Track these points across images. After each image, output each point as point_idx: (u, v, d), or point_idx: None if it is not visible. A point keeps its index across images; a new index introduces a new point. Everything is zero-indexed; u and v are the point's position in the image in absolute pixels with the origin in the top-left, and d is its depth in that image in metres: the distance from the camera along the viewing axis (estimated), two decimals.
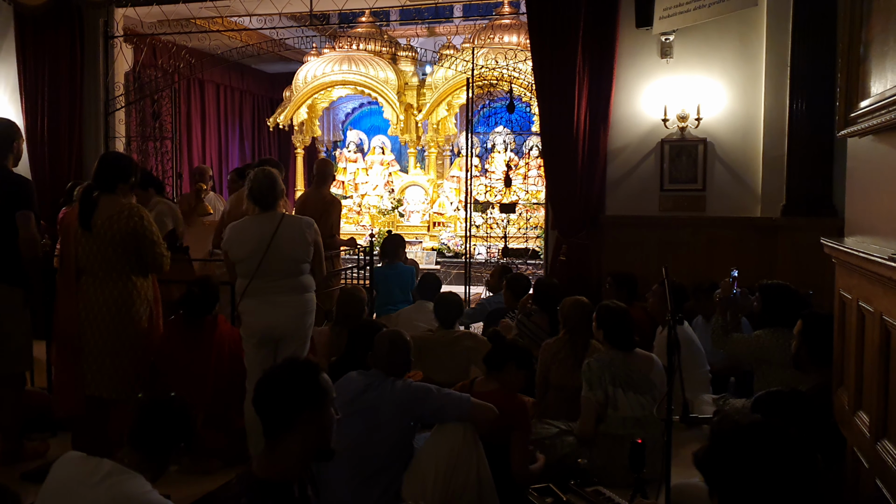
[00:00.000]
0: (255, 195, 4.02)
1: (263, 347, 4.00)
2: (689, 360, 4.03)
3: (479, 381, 3.79)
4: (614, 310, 4.06)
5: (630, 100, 6.42)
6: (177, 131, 8.95)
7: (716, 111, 6.26)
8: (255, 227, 4.02)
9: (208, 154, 13.03)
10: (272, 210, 4.03)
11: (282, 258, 3.96)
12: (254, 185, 4.02)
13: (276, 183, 4.04)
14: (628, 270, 5.90)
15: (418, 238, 12.26)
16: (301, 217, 4.16)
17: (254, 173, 4.07)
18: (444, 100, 11.96)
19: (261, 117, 14.42)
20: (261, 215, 4.04)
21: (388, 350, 3.46)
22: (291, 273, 4.00)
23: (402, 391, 3.39)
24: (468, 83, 7.92)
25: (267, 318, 3.95)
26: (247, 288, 3.97)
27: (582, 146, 6.33)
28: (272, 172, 4.07)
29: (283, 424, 2.18)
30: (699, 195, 6.33)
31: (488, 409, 3.40)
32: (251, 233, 4.00)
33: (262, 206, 4.03)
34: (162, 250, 3.89)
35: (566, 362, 4.31)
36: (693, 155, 6.31)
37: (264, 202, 4.02)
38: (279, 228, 3.95)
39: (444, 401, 3.38)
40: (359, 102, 14.16)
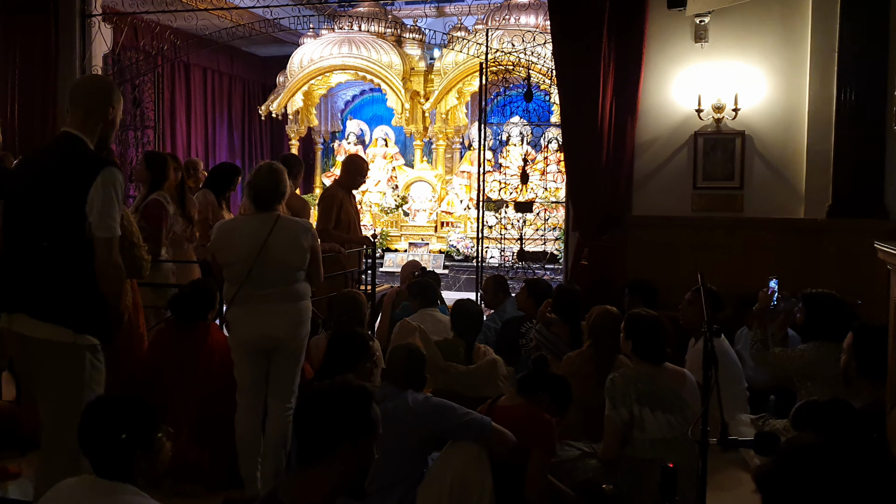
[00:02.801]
0: (254, 192, 4.02)
1: (254, 359, 4.01)
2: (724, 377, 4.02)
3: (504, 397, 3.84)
4: (645, 318, 4.06)
5: (660, 88, 6.42)
6: (160, 120, 8.99)
7: (755, 101, 6.26)
8: (247, 228, 4.03)
9: (194, 145, 13.08)
10: (270, 211, 4.02)
11: (274, 264, 3.96)
12: (254, 180, 4.03)
13: (280, 180, 4.03)
14: (656, 276, 5.90)
15: (424, 239, 12.28)
16: (297, 220, 4.16)
17: (258, 167, 4.08)
18: (455, 87, 11.98)
19: (252, 105, 14.46)
20: (255, 215, 4.04)
21: (406, 363, 3.53)
22: (285, 281, 4.01)
23: (422, 405, 3.48)
24: (481, 69, 7.92)
25: (258, 328, 3.96)
26: (236, 295, 3.98)
27: (607, 139, 6.33)
28: (278, 168, 4.07)
29: (323, 450, 2.14)
30: (736, 194, 6.33)
31: (507, 437, 3.48)
32: (242, 234, 4.01)
33: (259, 204, 4.03)
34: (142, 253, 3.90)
35: (590, 378, 4.30)
36: (729, 149, 6.30)
37: (263, 201, 4.02)
38: (272, 232, 3.95)
39: (465, 420, 3.45)
40: (360, 89, 14.19)
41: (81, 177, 3.10)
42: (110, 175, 3.12)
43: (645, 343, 4.00)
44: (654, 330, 4.01)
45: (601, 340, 4.40)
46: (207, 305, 4.40)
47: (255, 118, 14.14)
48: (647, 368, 3.96)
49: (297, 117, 13.11)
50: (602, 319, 4.44)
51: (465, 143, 13.55)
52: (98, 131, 3.28)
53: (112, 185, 3.11)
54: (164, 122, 10.77)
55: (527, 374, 3.84)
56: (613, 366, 4.32)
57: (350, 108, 14.52)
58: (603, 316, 4.46)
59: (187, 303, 4.31)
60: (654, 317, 4.08)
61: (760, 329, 4.31)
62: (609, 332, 4.36)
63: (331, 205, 6.50)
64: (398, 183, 13.04)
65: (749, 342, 4.84)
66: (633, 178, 6.48)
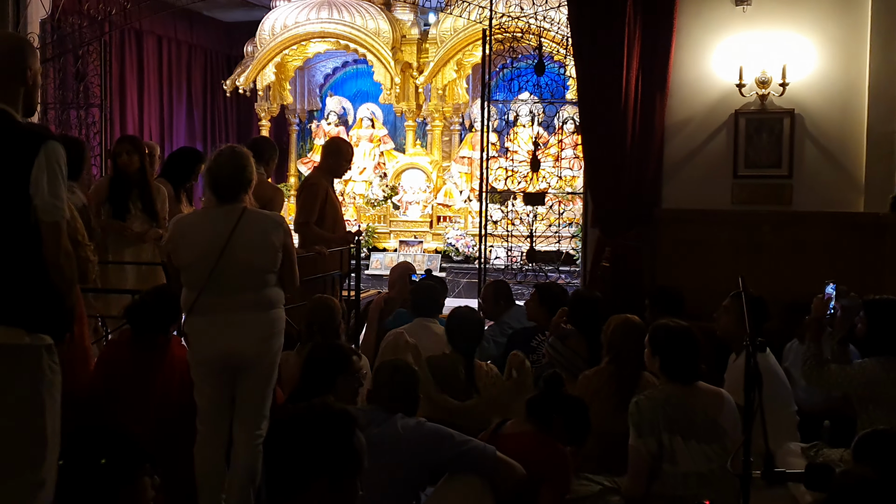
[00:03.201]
0: (213, 180, 4.02)
1: (217, 379, 4.01)
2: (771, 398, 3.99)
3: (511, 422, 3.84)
4: (673, 330, 4.04)
5: (695, 60, 6.42)
6: (107, 97, 8.97)
7: (806, 74, 6.27)
8: (207, 223, 4.03)
9: (147, 126, 13.07)
10: (234, 203, 4.01)
11: (240, 267, 3.96)
12: (214, 167, 4.02)
13: (244, 165, 4.03)
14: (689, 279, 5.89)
15: (417, 237, 12.29)
16: (267, 214, 4.16)
17: (218, 151, 4.08)
18: (453, 58, 11.98)
19: (215, 79, 14.46)
20: (217, 209, 4.03)
21: (392, 382, 3.50)
22: (253, 286, 4.00)
23: (414, 431, 3.45)
24: (484, 36, 7.92)
25: (221, 342, 3.95)
26: (195, 303, 3.97)
27: (632, 119, 6.33)
28: (241, 151, 4.06)
29: (297, 486, 2.14)
30: (783, 183, 6.33)
31: (514, 469, 3.46)
32: (202, 231, 4.00)
33: (220, 195, 4.02)
34: (87, 253, 3.89)
35: (610, 400, 4.30)
36: (776, 131, 6.30)
37: (225, 191, 4.01)
38: (237, 228, 3.94)
39: (464, 449, 3.44)
40: (342, 61, 14.19)
41: (20, 154, 3.09)
42: (53, 150, 3.12)
43: (674, 359, 3.98)
44: (684, 344, 3.99)
45: (622, 356, 4.39)
46: (171, 316, 4.38)
47: (219, 94, 14.15)
48: (678, 389, 3.94)
49: (269, 94, 13.12)
50: (622, 331, 4.43)
51: (465, 124, 13.56)
52: (20, 98, 3.25)
53: (57, 162, 3.12)
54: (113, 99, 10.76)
55: (538, 396, 3.83)
56: (638, 385, 4.31)
57: (330, 83, 14.52)
58: (623, 327, 4.45)
59: (147, 313, 4.30)
60: (685, 328, 4.07)
61: (814, 342, 4.30)
62: (631, 345, 4.34)
63: (314, 195, 6.46)
64: (387, 171, 13.05)
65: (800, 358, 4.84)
66: (662, 165, 6.47)
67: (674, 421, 3.86)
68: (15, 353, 3.12)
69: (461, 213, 12.43)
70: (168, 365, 4.28)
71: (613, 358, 4.43)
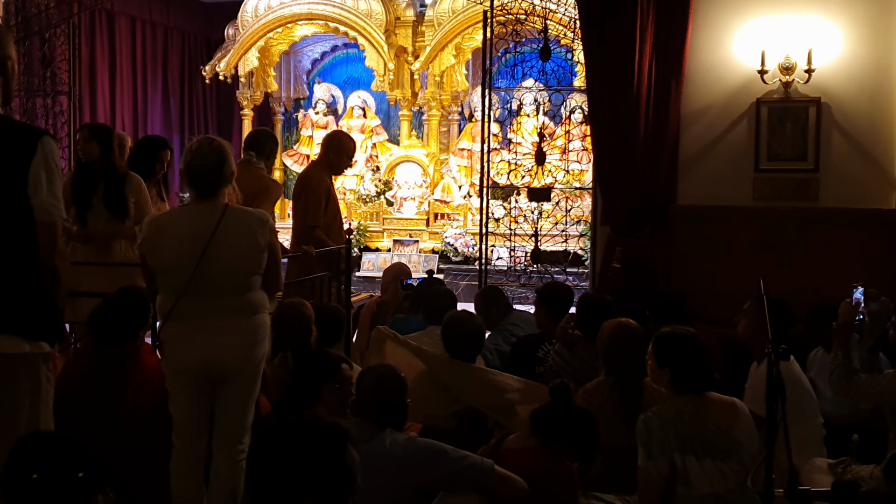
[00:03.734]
0: (191, 175, 4.02)
1: (195, 390, 4.00)
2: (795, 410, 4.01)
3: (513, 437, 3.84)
4: (682, 339, 4.00)
5: (713, 44, 6.42)
6: (76, 84, 8.97)
7: (834, 59, 6.27)
8: (186, 222, 4.03)
9: (120, 115, 13.05)
10: (214, 199, 4.02)
11: (222, 268, 3.96)
12: (192, 160, 4.01)
13: (224, 157, 4.03)
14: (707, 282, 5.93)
15: (413, 236, 12.30)
16: (251, 211, 4.15)
17: (195, 142, 4.07)
18: (452, 41, 12.00)
19: (193, 64, 14.45)
20: (196, 206, 4.04)
21: (376, 391, 3.49)
22: (236, 289, 4.00)
23: (404, 449, 3.44)
24: (485, 19, 7.92)
25: (201, 350, 3.95)
26: (173, 308, 3.96)
27: (645, 109, 6.34)
28: (220, 143, 4.06)
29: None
30: (809, 178, 6.33)
31: (516, 484, 3.46)
32: (181, 231, 4.00)
33: (200, 191, 4.02)
34: None
35: (614, 414, 4.29)
36: (801, 121, 6.30)
37: (204, 187, 4.01)
38: (220, 227, 3.94)
39: (460, 466, 3.43)
40: (331, 45, 14.20)
41: (18, 152, 3.17)
42: (50, 147, 3.22)
43: (684, 370, 3.95)
44: (693, 351, 3.96)
45: (620, 366, 4.39)
46: (139, 321, 4.38)
47: (198, 81, 14.15)
48: (689, 403, 3.92)
49: (251, 80, 13.14)
50: (618, 338, 4.43)
51: (464, 114, 13.58)
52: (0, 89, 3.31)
53: (53, 159, 3.22)
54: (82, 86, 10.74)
55: (543, 408, 3.83)
56: (642, 395, 4.32)
57: (318, 69, 14.54)
58: (617, 333, 4.45)
59: (113, 317, 4.29)
60: (691, 335, 4.04)
61: (841, 350, 4.31)
62: (629, 352, 4.34)
63: (318, 195, 6.51)
64: (380, 164, 13.06)
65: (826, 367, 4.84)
66: (678, 157, 6.48)
67: (686, 439, 3.84)
68: (15, 363, 3.21)
69: (460, 210, 12.44)
70: (138, 374, 4.28)
71: (613, 368, 4.43)
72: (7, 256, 3.20)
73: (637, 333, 4.41)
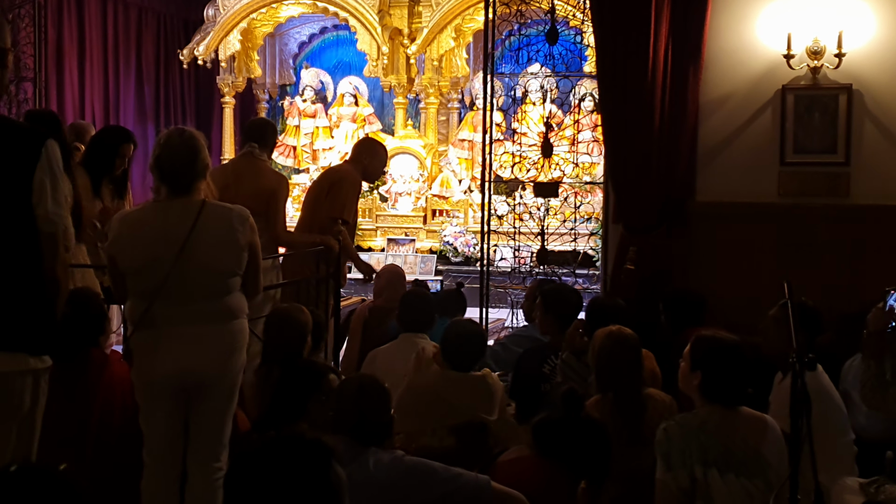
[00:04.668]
0: (163, 169, 4.04)
1: (168, 403, 4.01)
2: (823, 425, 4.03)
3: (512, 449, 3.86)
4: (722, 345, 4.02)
5: (734, 25, 6.44)
6: (42, 69, 8.99)
7: (866, 43, 6.29)
8: (159, 221, 4.05)
9: (90, 102, 13.03)
10: (188, 195, 4.04)
11: (199, 270, 3.98)
12: (162, 154, 4.04)
13: (198, 149, 4.06)
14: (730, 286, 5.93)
15: (409, 234, 12.31)
16: (230, 207, 4.17)
17: (165, 135, 4.10)
18: (451, 23, 12.00)
19: (170, 48, 14.42)
20: (170, 203, 4.06)
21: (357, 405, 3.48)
22: (214, 292, 4.03)
23: (390, 470, 3.41)
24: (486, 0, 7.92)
25: (175, 359, 3.96)
26: (144, 314, 3.97)
27: (661, 97, 6.35)
28: (191, 133, 4.09)
29: None
30: (840, 171, 6.36)
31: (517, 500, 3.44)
32: (153, 230, 4.02)
33: (173, 187, 4.05)
34: None
35: (618, 434, 4.28)
36: (831, 110, 6.32)
37: (178, 182, 4.04)
38: (197, 224, 3.96)
39: (453, 487, 3.42)
40: (319, 27, 14.24)
41: (22, 158, 3.30)
42: (54, 152, 3.35)
43: (719, 377, 3.97)
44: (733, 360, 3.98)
45: (615, 381, 4.40)
46: (95, 325, 4.37)
47: (175, 66, 14.11)
48: (716, 413, 3.94)
49: (233, 65, 13.15)
50: (609, 348, 4.42)
51: (465, 101, 13.62)
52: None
53: (58, 164, 3.36)
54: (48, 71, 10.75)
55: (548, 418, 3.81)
56: (646, 410, 4.34)
57: (306, 53, 14.58)
58: (608, 342, 4.44)
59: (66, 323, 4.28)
60: (735, 342, 4.06)
61: (874, 361, 4.30)
62: (624, 364, 4.36)
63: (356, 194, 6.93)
64: None
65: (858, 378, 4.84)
66: (697, 150, 6.51)
67: (709, 450, 3.86)
68: (18, 379, 3.36)
69: (460, 207, 12.45)
70: (105, 386, 4.29)
71: (609, 383, 4.43)
72: (10, 268, 3.34)
73: (631, 342, 4.42)
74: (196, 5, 13.94)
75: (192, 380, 3.99)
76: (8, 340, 3.32)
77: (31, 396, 3.40)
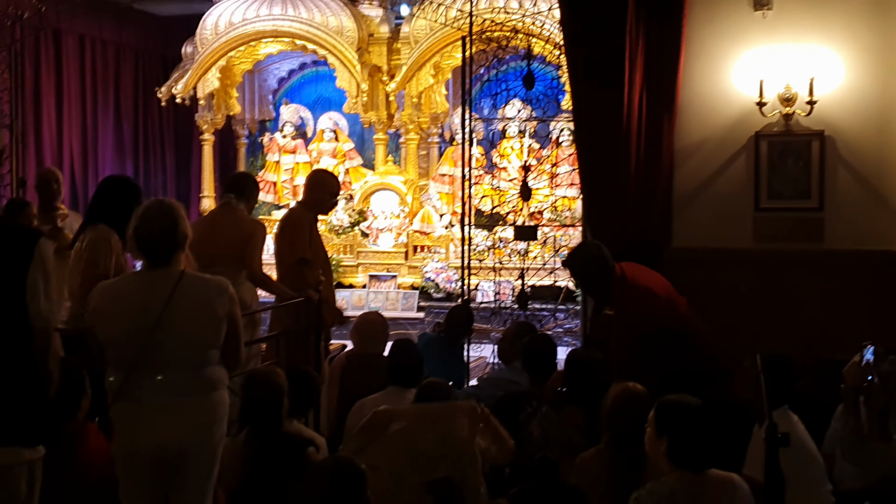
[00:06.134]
0: (142, 239, 4.06)
1: (147, 477, 4.00)
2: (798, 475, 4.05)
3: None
4: (686, 408, 4.04)
5: (708, 73, 6.49)
6: (18, 115, 8.97)
7: (838, 90, 6.33)
8: (137, 291, 4.06)
9: (67, 143, 12.96)
10: (167, 266, 4.06)
11: (177, 341, 3.99)
12: (140, 224, 4.06)
13: (177, 219, 4.07)
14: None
15: (390, 270, 12.32)
16: (209, 279, 4.19)
17: (144, 206, 4.11)
18: (430, 60, 12.04)
19: (148, 85, 14.37)
20: (148, 273, 4.09)
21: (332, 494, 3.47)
22: (193, 364, 4.03)
23: None
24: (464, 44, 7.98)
25: (153, 431, 3.96)
26: (122, 385, 3.98)
27: (636, 142, 6.38)
28: (171, 205, 4.11)
29: None
30: (814, 217, 6.40)
31: None
32: (131, 300, 4.04)
33: (151, 257, 4.07)
34: None
35: (612, 488, 4.31)
36: (804, 156, 6.36)
37: (156, 252, 4.06)
38: (174, 296, 3.98)
39: None
40: (298, 63, 14.24)
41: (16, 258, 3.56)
42: (46, 250, 3.63)
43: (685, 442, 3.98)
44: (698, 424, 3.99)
45: (624, 436, 4.37)
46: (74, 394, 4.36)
47: (153, 103, 14.02)
48: (685, 479, 3.94)
49: (212, 102, 13.13)
50: (621, 407, 4.41)
51: (445, 137, 13.62)
52: None
53: (50, 262, 3.64)
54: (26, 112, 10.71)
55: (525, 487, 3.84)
56: (644, 470, 4.30)
57: (285, 89, 14.56)
58: (621, 400, 4.43)
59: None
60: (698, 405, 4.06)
61: (852, 416, 4.34)
62: (635, 423, 4.29)
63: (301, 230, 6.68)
64: (353, 192, 13.07)
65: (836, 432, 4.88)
66: (672, 196, 6.53)
67: None
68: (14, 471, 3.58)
69: (441, 242, 12.46)
70: (81, 461, 4.24)
71: (613, 438, 4.42)
72: (5, 363, 3.57)
73: (641, 400, 4.38)
74: (174, 41, 13.93)
75: (171, 453, 3.98)
76: (3, 435, 3.53)
77: (27, 484, 3.59)
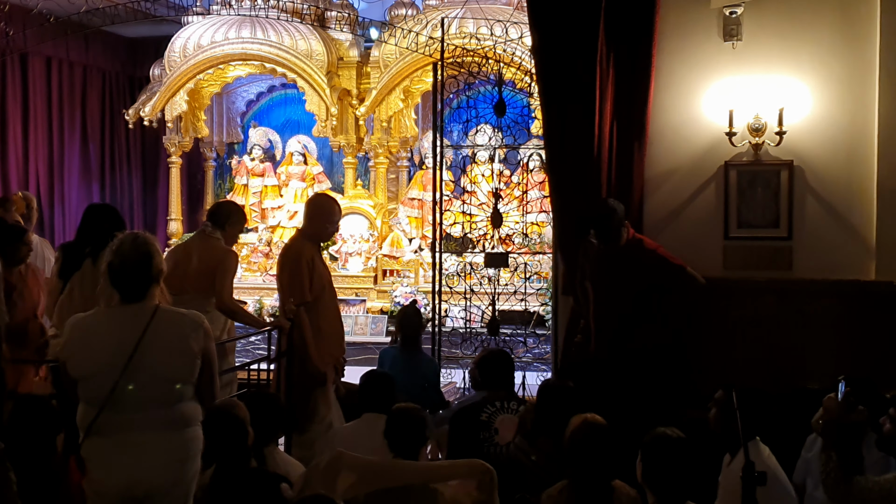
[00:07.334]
0: (115, 275, 4.05)
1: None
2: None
3: None
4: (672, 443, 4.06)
5: (678, 103, 6.56)
6: None
7: (807, 120, 6.41)
8: (110, 326, 4.05)
9: (33, 164, 12.95)
10: (141, 301, 4.06)
11: (151, 377, 3.98)
12: (114, 259, 4.05)
13: (152, 253, 4.07)
14: None
15: (359, 294, 12.32)
16: (183, 313, 4.18)
17: (118, 241, 4.09)
18: (399, 84, 12.10)
19: (115, 107, 14.39)
20: (121, 308, 4.07)
21: None
22: (166, 400, 4.02)
23: None
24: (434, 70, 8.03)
25: (125, 469, 3.95)
26: (94, 422, 3.97)
27: (607, 172, 6.44)
28: (145, 239, 4.10)
29: None
30: (783, 246, 6.46)
31: None
32: (104, 336, 4.03)
33: (124, 293, 4.06)
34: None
35: None
36: (773, 185, 6.44)
37: (130, 287, 4.05)
38: (148, 331, 3.98)
39: None
40: (267, 85, 14.28)
41: None
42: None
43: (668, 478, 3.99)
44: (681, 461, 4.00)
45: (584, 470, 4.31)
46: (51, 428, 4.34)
47: (121, 124, 14.08)
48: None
49: (180, 125, 13.14)
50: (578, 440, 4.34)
51: (414, 160, 13.69)
52: None
53: None
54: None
55: None
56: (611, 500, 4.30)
57: (254, 112, 14.61)
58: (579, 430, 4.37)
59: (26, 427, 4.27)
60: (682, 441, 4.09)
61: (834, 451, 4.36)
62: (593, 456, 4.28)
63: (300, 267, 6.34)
64: None
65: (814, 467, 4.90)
66: (643, 224, 6.55)
67: None
68: None
69: (411, 267, 12.49)
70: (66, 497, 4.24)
71: (574, 472, 4.35)
72: None
73: (603, 433, 4.37)
74: (142, 62, 13.96)
75: (143, 489, 3.97)
76: None
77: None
